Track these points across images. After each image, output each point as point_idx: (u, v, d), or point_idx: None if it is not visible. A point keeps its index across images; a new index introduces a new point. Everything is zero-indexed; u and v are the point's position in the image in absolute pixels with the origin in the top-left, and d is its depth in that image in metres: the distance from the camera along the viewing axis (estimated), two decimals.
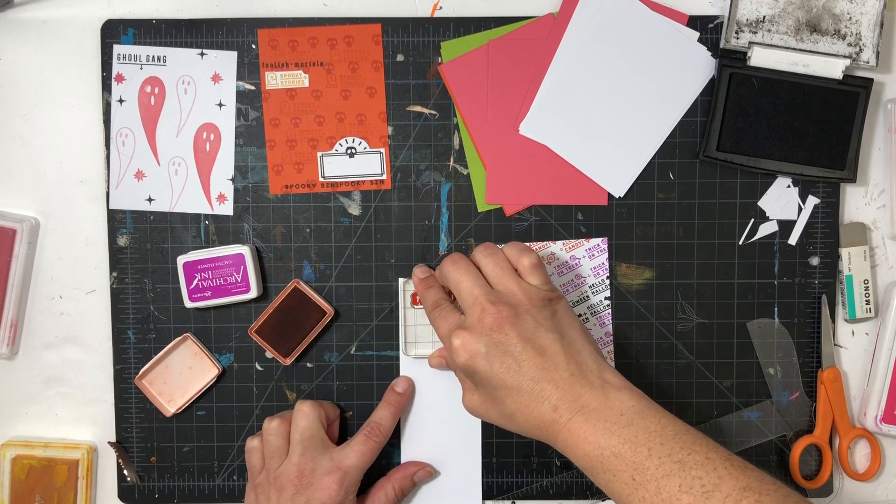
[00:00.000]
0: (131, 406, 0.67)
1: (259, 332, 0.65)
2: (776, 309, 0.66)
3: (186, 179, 0.66)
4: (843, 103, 0.64)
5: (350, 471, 0.61)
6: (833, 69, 0.63)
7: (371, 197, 0.66)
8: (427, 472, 0.66)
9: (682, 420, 0.52)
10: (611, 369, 0.55)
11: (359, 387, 0.66)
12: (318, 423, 0.62)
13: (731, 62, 0.64)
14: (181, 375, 0.66)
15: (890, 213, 0.66)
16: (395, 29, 0.65)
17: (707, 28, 0.65)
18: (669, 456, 0.49)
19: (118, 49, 0.65)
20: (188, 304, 0.65)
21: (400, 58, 0.65)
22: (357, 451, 0.62)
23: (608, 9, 0.65)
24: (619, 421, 0.51)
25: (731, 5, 0.63)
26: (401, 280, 0.66)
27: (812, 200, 0.66)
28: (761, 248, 0.66)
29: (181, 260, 0.64)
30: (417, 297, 0.65)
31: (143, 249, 0.66)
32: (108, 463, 0.67)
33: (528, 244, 0.65)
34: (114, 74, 0.65)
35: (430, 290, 0.61)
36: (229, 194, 0.66)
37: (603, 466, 0.50)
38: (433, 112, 0.66)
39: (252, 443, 0.63)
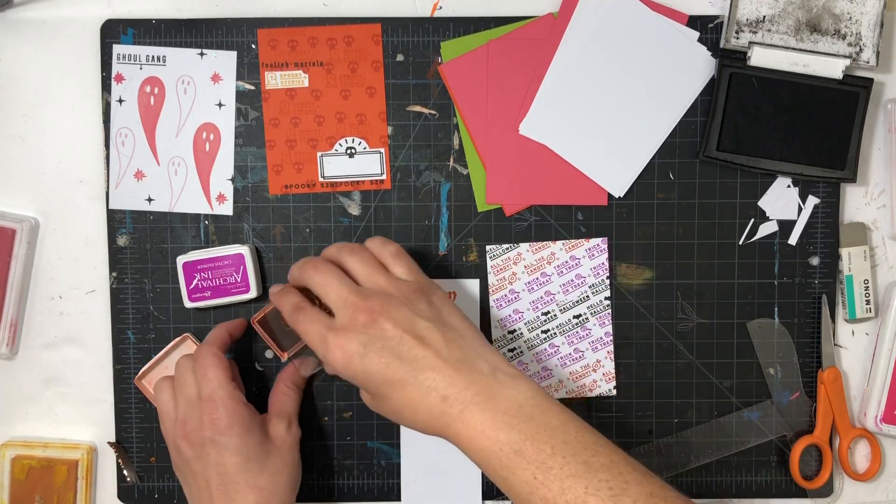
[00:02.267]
0: (131, 406, 0.67)
1: (261, 323, 0.64)
2: (776, 309, 0.66)
3: (186, 179, 0.66)
4: (843, 103, 0.64)
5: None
6: (833, 69, 0.63)
7: (371, 197, 0.66)
8: (288, 360, 0.63)
9: (618, 432, 0.51)
10: (501, 356, 0.53)
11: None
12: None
13: (731, 62, 0.64)
14: None
15: (890, 213, 0.66)
16: (394, 29, 0.65)
17: (707, 28, 0.65)
18: (574, 456, 0.48)
19: (118, 49, 0.65)
20: (188, 304, 0.65)
21: (400, 58, 0.65)
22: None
23: (608, 9, 0.65)
24: (518, 414, 0.49)
25: (731, 5, 0.63)
26: None
27: (812, 200, 0.66)
28: (761, 248, 0.66)
29: (181, 260, 0.64)
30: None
31: (142, 249, 0.66)
32: (108, 463, 0.67)
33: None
34: (113, 74, 0.65)
35: (286, 295, 0.57)
36: (229, 194, 0.66)
37: (501, 463, 0.48)
38: (433, 112, 0.66)
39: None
